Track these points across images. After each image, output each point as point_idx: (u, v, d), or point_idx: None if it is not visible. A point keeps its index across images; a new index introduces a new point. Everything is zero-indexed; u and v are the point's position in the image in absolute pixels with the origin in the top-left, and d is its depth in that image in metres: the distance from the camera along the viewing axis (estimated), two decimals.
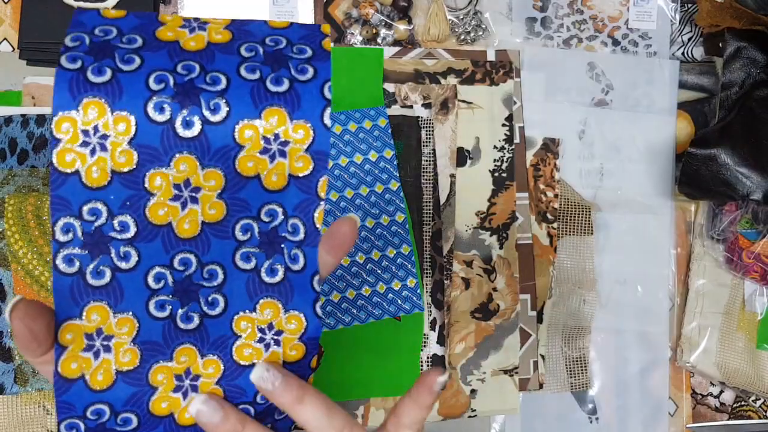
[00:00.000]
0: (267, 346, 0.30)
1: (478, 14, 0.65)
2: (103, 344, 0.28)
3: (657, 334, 0.67)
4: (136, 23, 0.27)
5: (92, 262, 0.27)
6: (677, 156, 0.67)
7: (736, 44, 0.63)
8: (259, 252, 0.29)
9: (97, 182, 0.26)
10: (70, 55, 0.26)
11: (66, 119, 0.25)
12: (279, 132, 0.27)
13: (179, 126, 0.26)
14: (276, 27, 0.28)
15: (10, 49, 0.59)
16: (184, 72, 0.26)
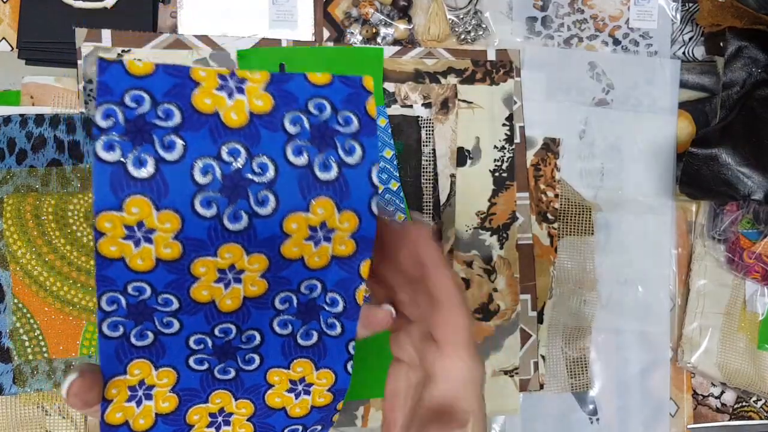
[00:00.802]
0: (297, 395, 0.31)
1: (478, 13, 0.65)
2: (145, 393, 0.29)
3: (658, 335, 0.67)
4: (169, 84, 0.25)
5: (136, 327, 0.27)
6: (678, 156, 0.67)
7: (737, 44, 0.63)
8: (296, 319, 0.30)
9: (142, 268, 0.26)
10: (107, 142, 0.24)
11: (108, 217, 0.24)
12: (326, 222, 0.27)
13: (227, 220, 0.26)
14: (317, 84, 0.27)
15: (8, 48, 0.59)
16: (229, 159, 0.25)
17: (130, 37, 0.59)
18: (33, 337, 0.54)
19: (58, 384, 0.54)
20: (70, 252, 0.54)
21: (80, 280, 0.54)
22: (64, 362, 0.54)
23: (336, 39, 0.63)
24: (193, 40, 0.60)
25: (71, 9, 0.58)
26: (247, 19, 0.61)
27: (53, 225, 0.54)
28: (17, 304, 0.53)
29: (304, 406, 0.31)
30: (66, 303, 0.54)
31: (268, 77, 0.26)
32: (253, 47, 0.60)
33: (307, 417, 0.32)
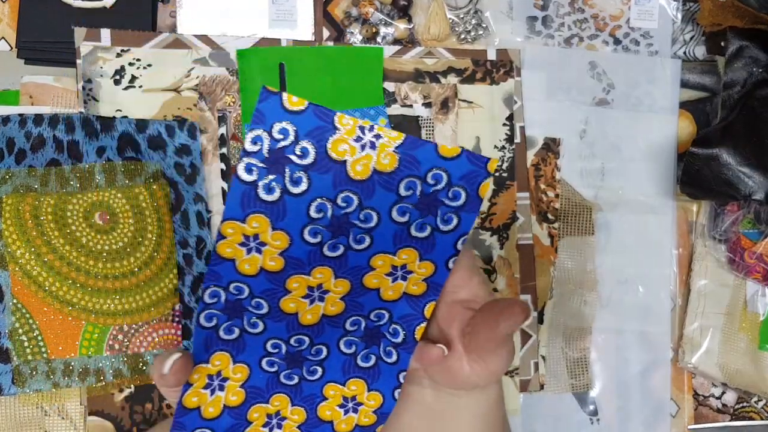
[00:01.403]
0: (346, 411, 0.35)
1: (478, 13, 0.64)
2: (219, 384, 0.33)
3: (658, 335, 0.66)
4: (314, 125, 0.28)
5: (227, 321, 0.32)
6: (679, 156, 0.67)
7: (738, 43, 0.63)
8: (360, 342, 0.34)
9: (248, 272, 0.30)
10: (248, 165, 0.28)
11: (232, 225, 0.29)
12: (407, 264, 0.31)
13: (326, 249, 0.30)
14: (446, 156, 0.29)
15: (8, 48, 0.58)
16: (342, 204, 0.29)
17: (129, 36, 0.58)
18: (32, 338, 0.53)
19: (57, 384, 0.54)
20: (69, 252, 0.54)
21: (79, 281, 0.54)
22: (63, 362, 0.54)
23: (336, 38, 0.63)
24: (192, 39, 0.59)
25: (70, 8, 0.58)
26: (247, 19, 0.61)
27: (52, 225, 0.54)
28: (16, 305, 0.53)
29: (349, 423, 0.35)
30: (65, 303, 0.54)
31: (402, 139, 0.29)
32: (252, 47, 0.60)
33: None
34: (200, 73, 0.59)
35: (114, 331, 0.55)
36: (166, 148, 0.58)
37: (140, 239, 0.56)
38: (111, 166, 0.56)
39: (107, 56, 0.58)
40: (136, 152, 0.57)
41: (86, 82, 0.58)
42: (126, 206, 0.56)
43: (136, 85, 0.59)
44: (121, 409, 0.58)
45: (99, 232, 0.55)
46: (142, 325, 0.55)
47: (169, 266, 0.57)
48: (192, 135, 0.59)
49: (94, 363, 0.55)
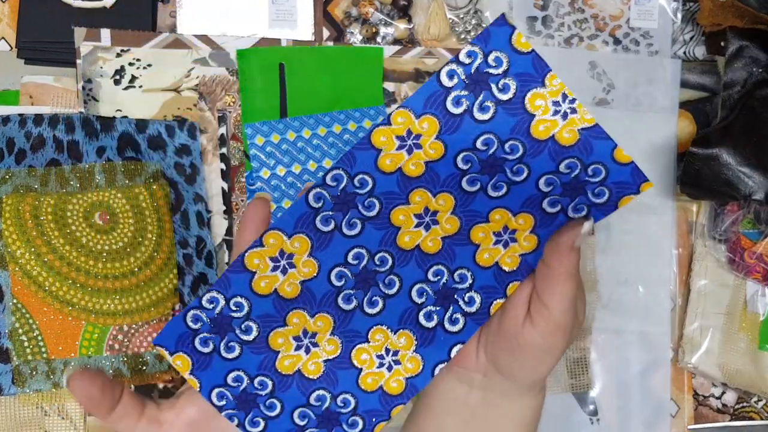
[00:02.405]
0: (381, 365, 0.33)
1: (478, 13, 0.64)
2: (285, 265, 0.32)
3: (658, 335, 0.66)
4: (526, 70, 0.29)
5: (330, 210, 0.31)
6: (679, 155, 0.67)
7: (738, 43, 0.63)
8: (432, 295, 0.33)
9: (388, 168, 0.31)
10: (450, 72, 0.30)
11: (403, 114, 0.30)
12: (517, 230, 0.32)
13: (466, 181, 0.31)
14: (616, 160, 0.32)
15: (8, 48, 0.58)
16: (507, 150, 0.31)
17: (129, 36, 0.58)
18: (32, 338, 0.53)
19: (57, 384, 0.54)
20: (69, 252, 0.54)
21: (79, 281, 0.54)
22: (63, 362, 0.54)
23: (336, 38, 0.63)
24: (192, 39, 0.59)
25: (70, 8, 0.58)
26: (247, 19, 0.61)
27: (52, 225, 0.54)
28: (16, 305, 0.53)
29: (375, 381, 0.34)
30: (65, 303, 0.54)
31: (592, 125, 0.32)
32: (252, 47, 0.60)
33: (369, 395, 0.34)
34: (200, 73, 0.59)
35: (114, 331, 0.55)
36: (166, 148, 0.58)
37: (140, 239, 0.56)
38: (111, 166, 0.56)
39: (107, 56, 0.58)
40: (136, 152, 0.57)
41: (86, 82, 0.58)
42: (126, 206, 0.56)
43: (136, 85, 0.59)
44: None
45: (99, 232, 0.55)
46: (142, 325, 0.55)
47: (169, 266, 0.57)
48: (192, 135, 0.59)
49: (94, 363, 0.55)
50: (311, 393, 0.33)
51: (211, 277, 0.59)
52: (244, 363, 0.32)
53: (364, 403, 0.33)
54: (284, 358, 0.33)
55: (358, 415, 0.33)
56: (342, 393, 0.33)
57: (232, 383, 0.32)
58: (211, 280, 0.59)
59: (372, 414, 0.33)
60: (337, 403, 0.33)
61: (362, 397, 0.33)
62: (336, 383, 0.33)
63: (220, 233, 0.60)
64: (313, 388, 0.33)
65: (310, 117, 0.60)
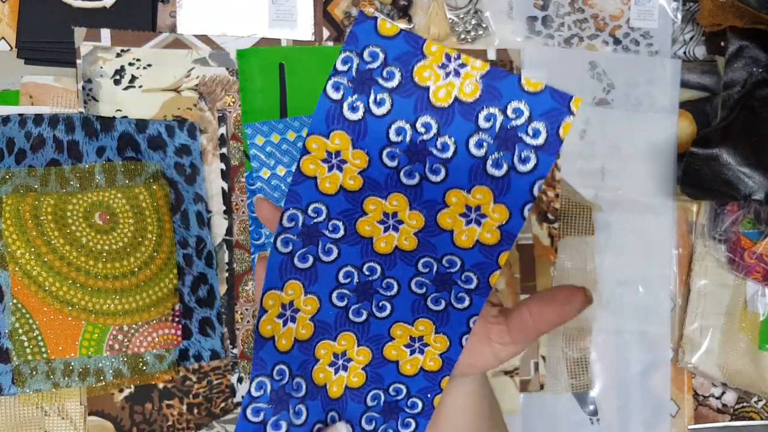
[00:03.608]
0: (412, 352, 0.34)
1: (478, 13, 0.64)
2: (291, 315, 0.33)
3: (658, 335, 0.66)
4: (403, 50, 0.29)
5: (303, 248, 0.33)
6: (679, 156, 0.67)
7: (738, 43, 0.63)
8: (431, 284, 0.33)
9: (328, 191, 0.32)
10: (335, 84, 0.30)
11: (317, 140, 0.31)
12: (481, 206, 0.31)
13: (403, 175, 0.31)
14: (528, 90, 0.29)
15: (8, 48, 0.58)
16: (422, 130, 0.30)
17: (129, 36, 0.58)
18: (32, 338, 0.53)
19: (57, 384, 0.54)
20: (69, 252, 0.54)
21: (79, 281, 0.54)
22: (63, 362, 0.54)
23: (336, 38, 0.63)
24: (192, 39, 0.59)
25: (70, 8, 0.58)
26: (247, 19, 0.61)
27: (52, 225, 0.54)
28: (16, 305, 0.53)
29: (414, 365, 0.34)
30: (65, 303, 0.54)
31: (486, 69, 0.29)
32: (252, 47, 0.60)
33: (414, 378, 0.34)
34: (200, 73, 0.59)
35: (114, 331, 0.55)
36: (166, 148, 0.58)
37: (140, 239, 0.56)
38: (111, 166, 0.56)
39: (107, 56, 0.58)
40: (136, 152, 0.57)
41: (86, 82, 0.58)
42: (126, 206, 0.56)
43: (136, 85, 0.59)
44: (121, 409, 0.58)
45: (99, 232, 0.55)
46: (142, 325, 0.55)
47: (169, 266, 0.57)
48: (192, 135, 0.59)
49: (94, 363, 0.55)
50: (328, 412, 0.35)
51: (211, 277, 0.59)
52: (348, 257, 0.33)
53: (413, 386, 0.34)
54: (319, 370, 0.34)
55: (414, 397, 0.35)
56: (391, 384, 0.35)
57: (276, 376, 0.34)
58: (211, 281, 0.59)
59: (425, 391, 0.34)
60: (390, 394, 0.35)
61: (409, 381, 0.34)
62: (382, 379, 0.35)
63: (220, 233, 0.60)
64: (329, 407, 0.35)
65: (310, 117, 0.60)
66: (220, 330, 0.59)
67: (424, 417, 0.34)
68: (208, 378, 0.59)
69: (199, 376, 0.59)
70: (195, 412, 0.59)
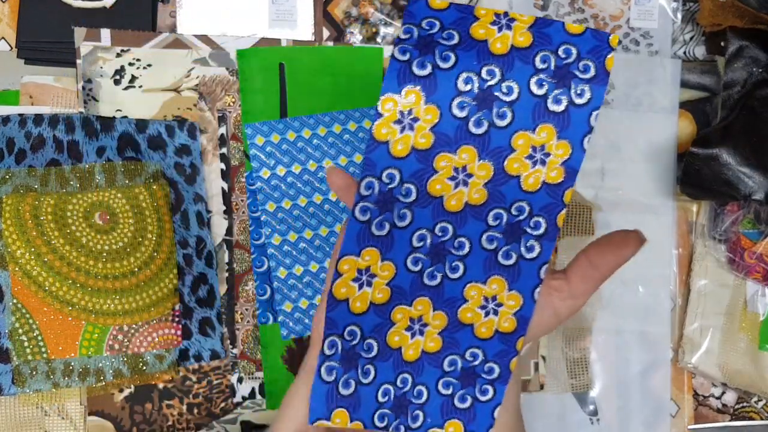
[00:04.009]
0: (487, 313, 0.35)
1: None
2: (367, 279, 0.34)
3: (658, 335, 0.66)
4: (456, 17, 0.32)
5: (379, 216, 0.34)
6: (679, 156, 0.67)
7: (738, 43, 0.63)
8: (501, 237, 0.35)
9: (400, 153, 0.33)
10: (401, 48, 0.31)
11: (390, 100, 0.32)
12: (545, 145, 0.33)
13: (471, 124, 0.32)
14: (571, 33, 0.32)
15: (7, 48, 0.58)
16: (487, 77, 0.32)
17: (129, 36, 0.58)
18: (32, 338, 0.53)
19: (57, 384, 0.54)
20: (69, 252, 0.54)
21: (79, 280, 0.54)
22: (63, 362, 0.54)
23: (336, 38, 0.63)
24: (192, 39, 0.59)
25: (70, 8, 0.58)
26: (247, 19, 0.61)
27: (52, 225, 0.54)
28: (16, 305, 0.53)
29: (489, 327, 0.35)
30: (65, 303, 0.54)
31: (533, 20, 0.32)
32: (252, 47, 0.60)
33: (489, 341, 0.35)
34: (200, 73, 0.59)
35: (114, 331, 0.55)
36: (166, 148, 0.58)
37: (140, 239, 0.56)
38: (111, 166, 0.56)
39: (107, 56, 0.58)
40: (136, 152, 0.57)
41: (86, 82, 0.58)
42: (126, 206, 0.56)
43: (136, 85, 0.59)
44: (121, 409, 0.58)
45: (99, 232, 0.55)
46: (142, 325, 0.55)
47: (169, 266, 0.57)
48: (192, 135, 0.59)
49: (94, 363, 0.55)
50: (399, 374, 0.36)
51: (211, 277, 0.59)
52: (420, 219, 0.34)
53: (490, 350, 0.36)
54: (395, 333, 0.35)
55: (490, 362, 0.36)
56: (467, 349, 0.36)
57: (348, 336, 0.35)
58: (211, 281, 0.59)
59: (500, 355, 0.35)
60: (467, 359, 0.36)
61: (485, 345, 0.36)
62: (459, 344, 0.36)
63: (220, 233, 0.60)
64: (403, 369, 0.36)
65: (310, 117, 0.60)
66: (220, 330, 0.59)
67: (502, 383, 0.36)
68: (208, 378, 0.59)
69: (199, 376, 0.59)
70: (195, 412, 0.59)
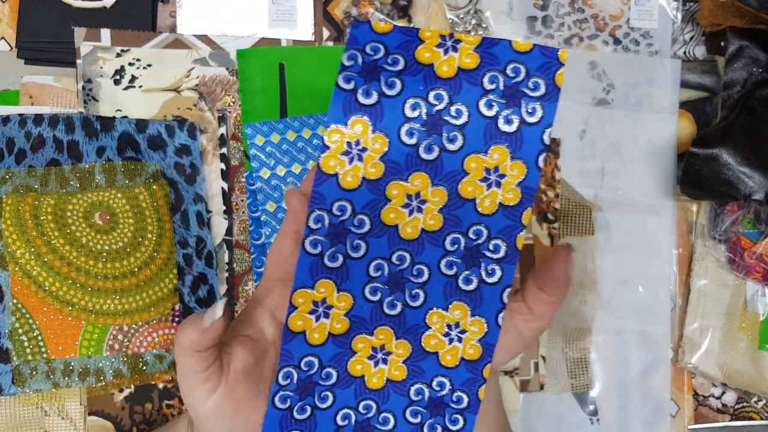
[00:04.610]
0: (450, 340, 0.35)
1: (478, 13, 0.64)
2: (324, 311, 0.34)
3: (658, 335, 0.66)
4: (401, 40, 0.31)
5: (331, 248, 0.33)
6: (679, 156, 0.67)
7: (738, 43, 0.63)
8: (460, 262, 0.34)
9: (350, 185, 0.32)
10: (346, 76, 0.31)
11: (336, 131, 0.31)
12: (499, 166, 0.32)
13: (422, 150, 0.32)
14: (519, 50, 0.31)
15: (7, 48, 0.58)
16: (435, 102, 0.31)
17: (129, 36, 0.58)
18: (32, 338, 0.53)
19: (57, 384, 0.54)
20: (69, 252, 0.54)
21: (79, 281, 0.54)
22: (63, 362, 0.54)
23: (336, 38, 0.63)
24: (192, 39, 0.59)
25: (70, 8, 0.58)
26: (247, 19, 0.61)
27: (52, 225, 0.54)
28: (16, 305, 0.53)
29: (454, 355, 0.35)
30: (65, 303, 0.54)
31: (479, 41, 0.31)
32: (252, 47, 0.60)
33: (455, 369, 0.35)
34: (200, 73, 0.59)
35: (114, 331, 0.55)
36: (166, 148, 0.58)
37: (140, 239, 0.56)
38: (111, 166, 0.56)
39: (107, 56, 0.58)
40: (136, 152, 0.57)
41: (86, 82, 0.58)
42: (126, 206, 0.56)
43: (136, 85, 0.59)
44: (121, 409, 0.58)
45: (99, 232, 0.55)
46: (142, 325, 0.55)
47: (169, 266, 0.57)
48: (192, 135, 0.59)
49: (94, 363, 0.55)
50: (362, 401, 0.36)
51: (211, 277, 0.59)
52: (376, 249, 0.34)
53: (456, 378, 0.35)
54: (357, 362, 0.35)
55: (458, 391, 0.35)
56: (434, 378, 0.35)
57: (304, 367, 0.34)
58: (211, 281, 0.59)
59: (468, 384, 0.35)
60: (434, 388, 0.36)
61: (451, 373, 0.35)
62: (424, 373, 0.35)
63: (220, 233, 0.60)
64: (365, 396, 0.36)
65: (310, 117, 0.60)
66: None
67: (471, 412, 0.35)
68: None
69: None
70: None
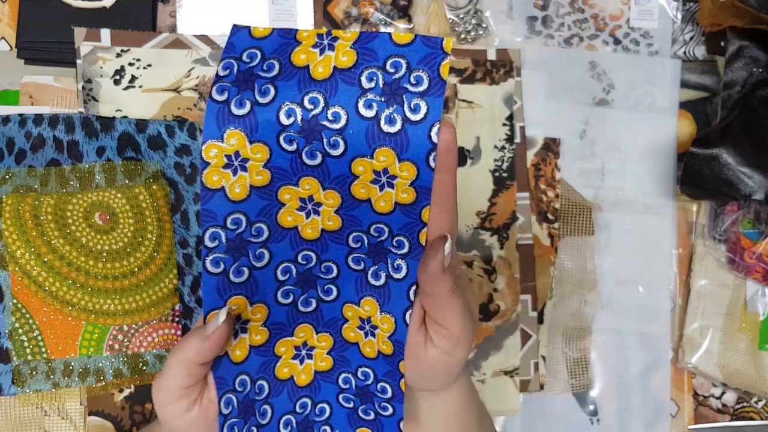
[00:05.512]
0: (366, 334, 0.34)
1: (478, 13, 0.65)
2: (241, 327, 0.33)
3: (658, 335, 0.66)
4: (278, 44, 0.30)
5: (234, 263, 0.32)
6: (679, 156, 0.67)
7: (738, 43, 0.63)
8: (367, 258, 0.33)
9: (240, 196, 0.31)
10: (220, 87, 0.29)
11: (213, 146, 0.30)
12: (388, 168, 0.31)
13: (305, 156, 0.31)
14: (399, 43, 0.30)
15: (8, 48, 0.58)
16: (310, 106, 0.30)
17: (129, 36, 0.58)
18: (32, 338, 0.53)
19: (57, 384, 0.54)
20: (69, 252, 0.54)
21: (79, 281, 0.54)
22: (63, 362, 0.54)
23: None
24: (192, 39, 0.59)
25: (70, 8, 0.58)
26: (247, 19, 0.61)
27: (52, 225, 0.54)
28: (16, 305, 0.53)
29: (372, 347, 0.34)
30: (65, 303, 0.54)
31: (357, 36, 0.30)
32: None
33: (375, 361, 0.34)
34: (200, 73, 0.59)
35: (114, 331, 0.55)
36: (166, 148, 0.58)
37: (140, 239, 0.56)
38: (111, 166, 0.56)
39: (107, 56, 0.58)
40: (136, 152, 0.57)
41: (86, 82, 0.58)
42: (126, 206, 0.56)
43: (136, 85, 0.59)
44: (121, 409, 0.58)
45: (99, 232, 0.55)
46: (142, 325, 0.55)
47: (169, 266, 0.57)
48: (192, 135, 0.59)
49: (94, 363, 0.55)
50: (297, 401, 0.35)
51: None
52: (280, 253, 0.33)
53: (378, 369, 0.34)
54: (283, 365, 0.35)
55: (381, 381, 0.35)
56: (358, 368, 0.35)
57: (239, 388, 0.33)
58: None
59: (389, 375, 0.34)
60: (360, 378, 0.35)
61: (373, 364, 0.35)
62: (349, 363, 0.35)
63: None
64: (299, 395, 0.35)
65: None
66: None
67: (398, 401, 0.34)
68: None
69: None
70: None
